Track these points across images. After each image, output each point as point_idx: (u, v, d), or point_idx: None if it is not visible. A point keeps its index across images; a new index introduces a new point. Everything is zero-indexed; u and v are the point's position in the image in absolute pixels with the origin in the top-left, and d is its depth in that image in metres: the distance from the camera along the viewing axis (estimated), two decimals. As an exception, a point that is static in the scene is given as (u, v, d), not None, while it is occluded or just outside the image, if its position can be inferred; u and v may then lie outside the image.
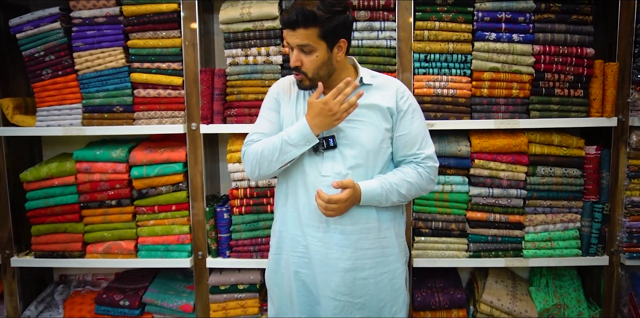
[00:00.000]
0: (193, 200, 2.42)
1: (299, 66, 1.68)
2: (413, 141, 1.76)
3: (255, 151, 1.72)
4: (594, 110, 2.30)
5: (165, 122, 2.40)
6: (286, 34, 1.67)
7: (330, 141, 1.69)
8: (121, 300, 2.48)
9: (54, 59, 2.40)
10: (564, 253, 2.36)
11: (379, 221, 1.75)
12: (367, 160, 1.73)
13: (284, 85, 1.85)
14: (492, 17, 2.25)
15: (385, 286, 1.77)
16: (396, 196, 1.71)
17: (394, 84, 1.81)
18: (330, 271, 1.73)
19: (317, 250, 1.74)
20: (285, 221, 1.80)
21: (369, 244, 1.74)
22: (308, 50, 1.65)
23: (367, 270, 1.74)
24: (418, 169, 1.74)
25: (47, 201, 2.43)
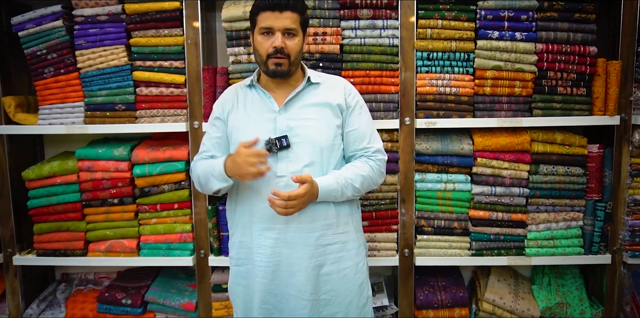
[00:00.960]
0: (195, 198, 2.42)
1: (284, 47, 1.70)
2: (362, 136, 1.83)
3: (194, 173, 1.85)
4: (597, 108, 2.30)
5: (167, 120, 2.39)
6: (267, 17, 1.69)
7: (283, 141, 1.73)
8: (123, 299, 2.48)
9: (56, 57, 2.40)
10: (566, 252, 2.36)
11: (337, 217, 1.80)
12: (321, 157, 1.77)
13: (230, 94, 1.89)
14: (495, 15, 2.25)
15: (349, 280, 1.80)
16: (351, 190, 1.76)
17: (341, 82, 1.89)
18: (294, 270, 1.76)
19: (279, 251, 1.76)
20: (244, 230, 1.82)
21: (329, 240, 1.78)
22: (292, 34, 1.71)
23: (329, 266, 1.78)
24: (369, 163, 1.81)
25: (50, 200, 2.43)
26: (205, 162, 1.83)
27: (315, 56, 2.30)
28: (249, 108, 1.82)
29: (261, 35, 1.72)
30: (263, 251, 1.77)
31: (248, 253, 1.81)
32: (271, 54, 1.71)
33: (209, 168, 1.77)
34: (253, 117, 1.80)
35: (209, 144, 1.89)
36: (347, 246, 1.82)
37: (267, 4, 1.68)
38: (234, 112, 1.84)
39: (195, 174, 1.86)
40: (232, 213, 1.88)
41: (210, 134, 1.89)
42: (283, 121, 1.77)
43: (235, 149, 1.70)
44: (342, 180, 1.74)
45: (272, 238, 1.76)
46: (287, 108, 1.79)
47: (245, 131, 1.79)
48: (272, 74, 1.76)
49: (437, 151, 2.31)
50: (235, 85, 1.93)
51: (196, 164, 1.87)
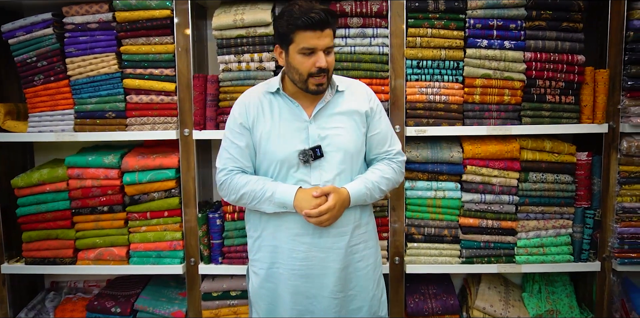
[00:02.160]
0: (185, 206, 2.41)
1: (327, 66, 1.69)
2: (384, 139, 1.87)
3: (235, 189, 1.78)
4: (585, 117, 2.32)
5: (157, 128, 2.39)
6: (308, 37, 1.64)
7: (317, 151, 1.74)
8: (113, 307, 2.47)
9: (47, 64, 2.39)
10: (556, 259, 2.37)
11: (361, 218, 1.85)
12: (351, 164, 1.81)
13: (252, 101, 1.82)
14: (484, 24, 2.27)
15: (371, 276, 1.87)
16: (378, 192, 1.82)
17: (361, 87, 1.89)
18: (327, 273, 1.79)
19: (313, 255, 1.78)
20: (275, 236, 1.81)
21: (355, 240, 1.82)
22: (330, 51, 1.70)
23: (355, 264, 1.83)
24: (392, 165, 1.87)
25: (39, 208, 2.42)
26: (256, 181, 1.77)
27: (306, 64, 2.31)
28: (277, 117, 1.79)
29: (301, 55, 1.67)
30: (296, 255, 1.78)
31: (279, 257, 1.81)
32: (314, 73, 1.69)
33: (266, 192, 1.74)
34: (283, 127, 1.77)
35: (237, 154, 1.81)
36: (369, 244, 1.87)
37: (307, 23, 1.61)
38: (261, 121, 1.79)
39: (235, 189, 1.78)
40: (258, 217, 1.84)
41: (234, 143, 1.81)
42: (315, 131, 1.77)
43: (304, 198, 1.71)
44: (370, 184, 1.78)
45: (306, 243, 1.77)
46: (317, 117, 1.79)
47: (277, 141, 1.76)
48: (313, 93, 1.74)
49: (427, 158, 2.32)
50: (254, 90, 1.86)
51: (239, 179, 1.79)
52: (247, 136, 1.81)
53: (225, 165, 1.82)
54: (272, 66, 2.32)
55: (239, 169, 1.82)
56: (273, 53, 2.32)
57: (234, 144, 1.82)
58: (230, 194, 1.81)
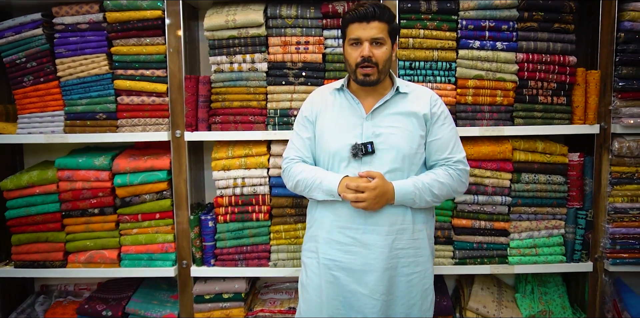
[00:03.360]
0: (177, 208, 2.39)
1: (371, 56, 1.74)
2: (445, 146, 1.86)
3: (292, 174, 1.89)
4: (577, 117, 2.33)
5: (149, 129, 2.37)
6: (355, 28, 1.75)
7: (368, 146, 1.78)
8: (104, 311, 2.44)
9: (36, 65, 2.37)
10: (548, 260, 2.37)
11: (413, 223, 1.83)
12: (403, 164, 1.81)
13: (320, 96, 1.94)
14: (476, 25, 2.27)
15: (415, 285, 1.84)
16: (429, 195, 1.79)
17: (427, 92, 1.91)
18: (369, 270, 1.80)
19: (356, 251, 1.80)
20: (322, 225, 1.86)
21: (403, 244, 1.81)
22: (380, 43, 1.76)
23: (400, 269, 1.82)
24: (449, 171, 1.84)
25: (28, 210, 2.39)
26: (310, 170, 1.86)
27: (298, 65, 2.30)
28: (337, 112, 1.88)
29: (350, 46, 1.78)
30: (340, 247, 1.82)
31: (324, 247, 1.85)
32: (359, 63, 1.76)
33: (316, 180, 1.81)
34: (341, 122, 1.85)
35: (299, 145, 1.93)
36: (420, 252, 1.85)
37: (354, 15, 1.74)
38: (322, 115, 1.89)
39: (292, 176, 1.89)
40: (314, 208, 1.93)
41: (300, 134, 1.94)
42: (369, 128, 1.81)
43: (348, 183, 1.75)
44: (420, 184, 1.78)
45: (350, 237, 1.81)
46: (374, 115, 1.83)
47: (333, 134, 1.84)
48: (360, 83, 1.80)
49: (420, 159, 2.31)
50: (325, 87, 1.98)
51: (296, 167, 1.90)
52: (309, 128, 1.91)
53: (288, 154, 1.95)
54: (265, 67, 2.31)
55: (299, 159, 1.92)
56: (265, 54, 2.32)
57: (298, 135, 1.94)
58: (288, 181, 1.92)
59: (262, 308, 2.45)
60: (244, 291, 2.42)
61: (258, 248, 2.39)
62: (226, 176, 2.34)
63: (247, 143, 2.39)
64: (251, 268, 2.39)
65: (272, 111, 2.34)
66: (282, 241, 2.38)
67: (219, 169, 2.35)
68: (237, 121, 2.34)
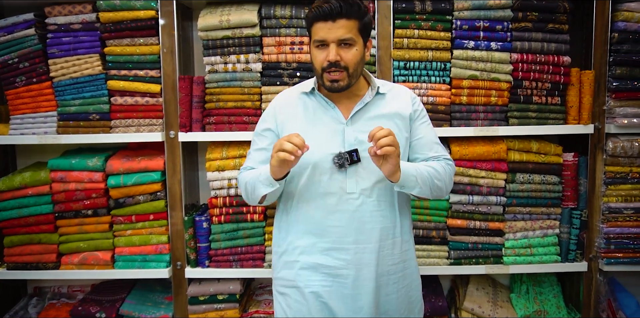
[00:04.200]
0: (171, 209, 2.38)
1: (339, 60, 1.54)
2: (430, 145, 1.73)
3: (242, 183, 1.71)
4: (571, 117, 2.33)
5: (142, 130, 2.36)
6: (320, 28, 1.54)
7: (354, 155, 1.59)
8: (97, 313, 2.43)
9: (29, 66, 2.35)
10: (543, 260, 2.38)
11: (402, 235, 1.70)
12: None
13: (283, 102, 1.73)
14: (471, 25, 2.27)
15: (403, 300, 1.71)
16: (427, 181, 1.61)
17: (405, 90, 1.78)
18: (362, 293, 1.63)
19: (347, 274, 1.63)
20: (302, 250, 1.66)
21: (392, 259, 1.67)
22: (349, 44, 1.55)
23: (391, 286, 1.67)
24: (441, 163, 1.71)
25: (21, 211, 2.37)
26: (253, 170, 1.69)
27: (293, 65, 2.30)
28: (311, 118, 1.66)
29: (316, 48, 1.57)
30: (329, 271, 1.63)
31: (308, 274, 1.65)
32: (325, 68, 1.56)
33: (256, 174, 1.63)
34: (318, 129, 1.64)
35: (256, 156, 1.74)
36: (408, 264, 1.71)
37: (318, 13, 1.53)
38: (291, 123, 1.67)
39: (242, 184, 1.71)
40: (285, 229, 1.71)
41: (257, 144, 1.75)
42: (351, 134, 1.62)
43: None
44: (421, 166, 1.62)
45: (340, 260, 1.62)
46: (354, 120, 1.64)
47: (310, 144, 1.56)
48: (328, 90, 1.62)
49: (414, 160, 2.31)
50: (288, 92, 1.76)
51: (242, 175, 1.73)
52: (271, 139, 1.70)
53: (244, 166, 1.77)
54: (259, 67, 2.30)
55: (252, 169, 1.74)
56: (259, 54, 2.31)
57: (255, 145, 1.76)
58: (243, 193, 1.73)
59: (257, 309, 2.44)
60: (238, 292, 2.41)
61: (253, 249, 2.37)
62: (220, 177, 2.33)
63: (242, 144, 2.38)
64: (246, 269, 2.38)
65: (266, 111, 2.33)
66: (277, 242, 2.37)
67: (214, 170, 2.34)
68: (231, 121, 2.33)
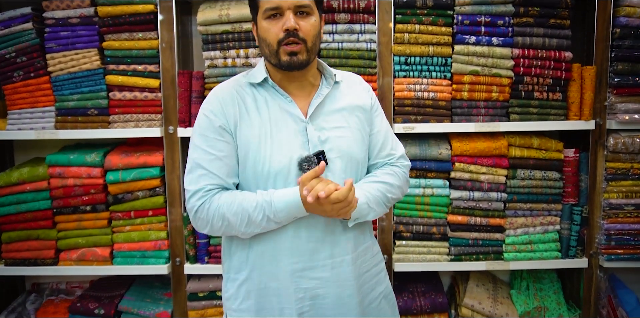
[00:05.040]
0: (170, 205, 2.37)
1: (297, 29, 1.34)
2: (385, 139, 1.54)
3: (218, 215, 1.37)
4: (572, 113, 2.32)
5: (141, 125, 2.34)
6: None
7: (321, 158, 1.39)
8: (96, 309, 2.42)
9: (26, 60, 2.33)
10: (544, 256, 2.37)
11: (371, 238, 1.56)
12: (356, 173, 1.48)
13: (230, 96, 1.44)
14: (472, 20, 2.25)
15: (384, 305, 1.56)
16: (381, 201, 1.47)
17: (356, 77, 1.59)
18: (344, 311, 1.44)
19: (326, 293, 1.42)
20: (269, 275, 1.42)
21: (367, 266, 1.52)
22: (306, 12, 1.37)
23: (370, 294, 1.52)
24: (394, 169, 1.53)
25: (19, 207, 2.35)
26: (236, 204, 1.36)
27: (293, 60, 2.28)
28: (265, 116, 1.41)
29: (267, 19, 1.36)
30: (304, 294, 1.41)
31: (279, 300, 1.42)
32: (282, 39, 1.34)
33: (261, 214, 1.35)
34: (276, 129, 1.40)
35: (213, 167, 1.39)
36: (380, 266, 1.56)
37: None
38: (245, 122, 1.41)
39: (218, 214, 1.37)
40: (244, 253, 1.45)
41: (211, 153, 1.39)
42: (313, 133, 1.42)
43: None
44: (372, 190, 1.44)
45: (315, 279, 1.41)
46: (314, 116, 1.44)
47: (270, 148, 1.39)
48: (286, 66, 1.37)
49: (415, 156, 2.30)
50: (230, 84, 1.48)
51: (220, 200, 1.37)
52: (229, 142, 1.40)
53: (199, 185, 1.38)
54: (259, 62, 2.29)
55: (218, 188, 1.40)
56: (259, 49, 2.29)
57: (210, 155, 1.39)
58: (212, 224, 1.38)
59: (256, 305, 2.43)
60: (238, 288, 2.40)
61: (252, 245, 2.36)
62: (220, 173, 2.31)
63: (241, 139, 2.36)
64: (245, 266, 2.37)
65: (266, 106, 2.32)
66: (277, 238, 2.36)
67: (213, 166, 2.32)
68: (231, 117, 2.31)
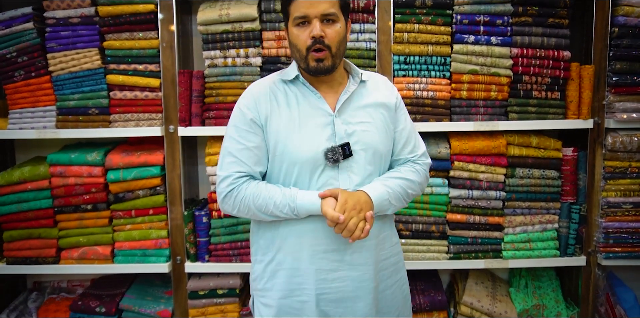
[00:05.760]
0: (171, 203, 2.38)
1: (323, 36, 1.46)
2: (408, 137, 1.65)
3: (246, 201, 1.51)
4: (571, 112, 2.33)
5: (142, 124, 2.35)
6: (300, 5, 1.46)
7: (346, 149, 1.50)
8: (97, 307, 2.43)
9: (27, 60, 2.34)
10: (542, 254, 2.38)
11: (390, 229, 1.66)
12: (379, 165, 1.59)
13: (264, 91, 1.57)
14: (471, 19, 2.26)
15: (398, 294, 1.66)
16: (402, 195, 1.58)
17: (383, 78, 1.71)
18: (361, 295, 1.55)
19: (345, 275, 1.53)
20: (294, 255, 1.54)
21: (386, 253, 1.62)
22: (332, 20, 1.48)
23: (385, 281, 1.62)
24: (415, 167, 1.64)
25: (20, 206, 2.37)
26: (262, 194, 1.49)
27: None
28: (295, 110, 1.53)
29: (296, 26, 1.48)
30: (325, 276, 1.52)
31: (302, 281, 1.53)
32: (310, 46, 1.46)
33: (286, 207, 1.49)
34: (305, 122, 1.52)
35: (243, 156, 1.52)
36: (398, 257, 1.67)
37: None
38: (275, 116, 1.53)
39: (246, 201, 1.50)
40: (270, 236, 1.57)
41: (242, 143, 1.52)
42: (341, 126, 1.53)
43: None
44: (391, 184, 1.55)
45: (335, 261, 1.52)
46: (341, 110, 1.55)
47: (300, 138, 1.50)
48: (313, 72, 1.50)
49: (414, 154, 2.31)
50: (265, 81, 1.61)
51: (248, 189, 1.51)
52: (259, 134, 1.53)
53: (229, 172, 1.52)
54: (259, 62, 2.30)
55: (247, 176, 1.53)
56: (259, 48, 2.30)
57: (240, 144, 1.52)
58: (238, 210, 1.53)
59: (256, 303, 2.45)
60: (238, 287, 2.41)
61: (253, 244, 2.38)
62: (220, 172, 2.33)
63: (241, 138, 2.37)
64: (246, 264, 2.38)
65: (266, 106, 2.33)
66: (277, 237, 2.37)
67: (213, 165, 2.33)
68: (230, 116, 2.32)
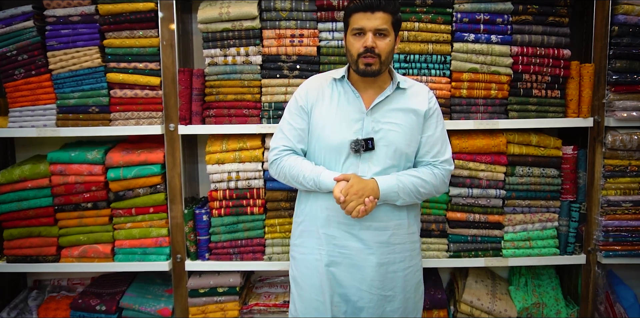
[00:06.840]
0: (171, 202, 2.38)
1: (374, 47, 1.71)
2: (434, 144, 1.86)
3: (283, 169, 1.85)
4: (571, 111, 2.33)
5: (142, 123, 2.35)
6: (359, 18, 1.72)
7: (369, 143, 1.77)
8: (97, 305, 2.43)
9: (27, 58, 2.34)
10: (542, 253, 2.39)
11: (408, 218, 1.86)
12: (399, 161, 1.82)
13: (316, 85, 1.88)
14: (471, 18, 2.27)
15: (411, 279, 1.87)
16: (412, 191, 1.79)
17: (425, 88, 1.91)
18: (365, 265, 1.81)
19: (353, 246, 1.81)
20: (316, 221, 1.85)
21: (400, 239, 1.84)
22: (384, 34, 1.73)
23: (397, 264, 1.84)
24: (434, 170, 1.84)
25: (20, 205, 2.37)
26: (297, 166, 1.82)
27: (293, 58, 2.29)
28: (335, 104, 1.84)
29: (353, 36, 1.75)
30: (336, 242, 1.82)
31: (319, 242, 1.84)
32: (361, 53, 1.73)
33: (311, 180, 1.79)
34: (340, 115, 1.82)
35: (290, 134, 1.87)
36: (415, 245, 1.89)
37: (359, 5, 1.72)
38: (319, 105, 1.85)
39: (284, 169, 1.85)
40: (304, 201, 1.90)
41: (291, 124, 1.87)
42: (369, 123, 1.80)
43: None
44: (404, 179, 1.78)
45: (346, 232, 1.81)
46: (374, 110, 1.81)
47: (332, 128, 1.81)
48: (362, 73, 1.77)
49: (414, 153, 2.31)
50: (320, 76, 1.92)
51: (287, 161, 1.85)
52: (304, 118, 1.86)
53: (277, 144, 1.89)
54: (259, 60, 2.30)
55: (290, 150, 1.87)
56: (259, 47, 2.30)
57: (289, 125, 1.87)
58: (279, 174, 1.88)
59: (256, 302, 2.45)
60: (238, 285, 2.42)
61: (253, 242, 2.38)
62: (220, 170, 2.33)
63: (242, 137, 2.38)
64: (246, 262, 2.38)
65: (266, 104, 2.33)
66: (277, 235, 2.37)
67: (213, 163, 2.33)
68: (231, 114, 2.32)
